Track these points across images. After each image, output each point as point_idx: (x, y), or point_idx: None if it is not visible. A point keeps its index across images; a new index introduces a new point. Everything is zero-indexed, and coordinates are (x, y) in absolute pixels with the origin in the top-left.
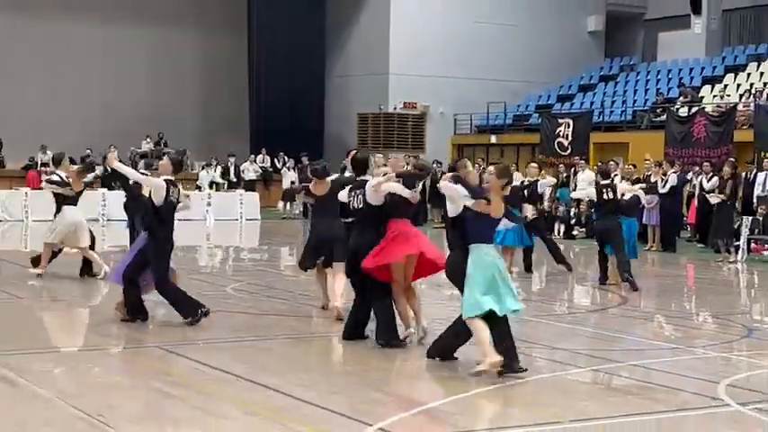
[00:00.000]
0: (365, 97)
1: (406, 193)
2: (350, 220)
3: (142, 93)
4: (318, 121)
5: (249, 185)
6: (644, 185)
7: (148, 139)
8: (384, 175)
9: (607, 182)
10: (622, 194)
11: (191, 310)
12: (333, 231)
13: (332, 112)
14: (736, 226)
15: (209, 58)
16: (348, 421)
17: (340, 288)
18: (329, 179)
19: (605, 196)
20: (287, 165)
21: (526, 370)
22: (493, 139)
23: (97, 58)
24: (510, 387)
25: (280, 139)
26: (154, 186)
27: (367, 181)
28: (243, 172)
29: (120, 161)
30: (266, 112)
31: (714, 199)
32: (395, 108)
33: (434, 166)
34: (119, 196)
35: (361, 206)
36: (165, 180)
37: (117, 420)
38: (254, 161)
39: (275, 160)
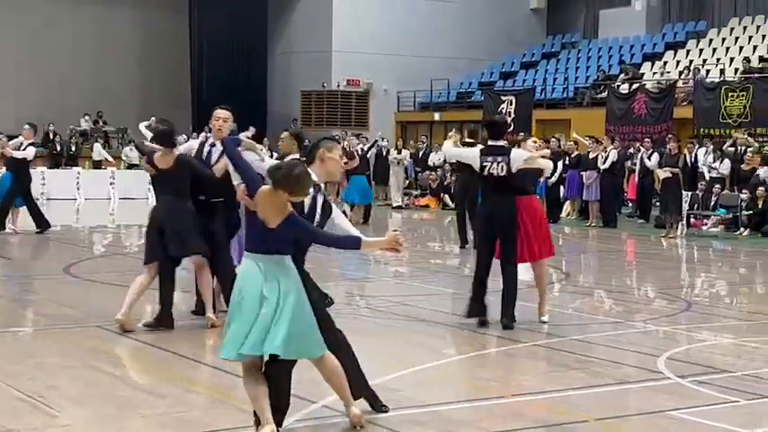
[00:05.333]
0: (308, 74)
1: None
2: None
3: (82, 71)
4: (261, 100)
5: None
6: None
7: (87, 117)
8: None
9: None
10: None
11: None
12: (168, 215)
13: (275, 90)
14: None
15: (150, 36)
16: (294, 400)
17: (207, 288)
18: (178, 150)
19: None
20: None
21: None
22: (436, 116)
23: (37, 35)
24: (451, 363)
25: None
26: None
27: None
28: None
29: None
30: (208, 90)
31: (664, 174)
32: (338, 85)
33: (382, 141)
34: (57, 174)
35: (503, 173)
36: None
37: (58, 401)
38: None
39: None
